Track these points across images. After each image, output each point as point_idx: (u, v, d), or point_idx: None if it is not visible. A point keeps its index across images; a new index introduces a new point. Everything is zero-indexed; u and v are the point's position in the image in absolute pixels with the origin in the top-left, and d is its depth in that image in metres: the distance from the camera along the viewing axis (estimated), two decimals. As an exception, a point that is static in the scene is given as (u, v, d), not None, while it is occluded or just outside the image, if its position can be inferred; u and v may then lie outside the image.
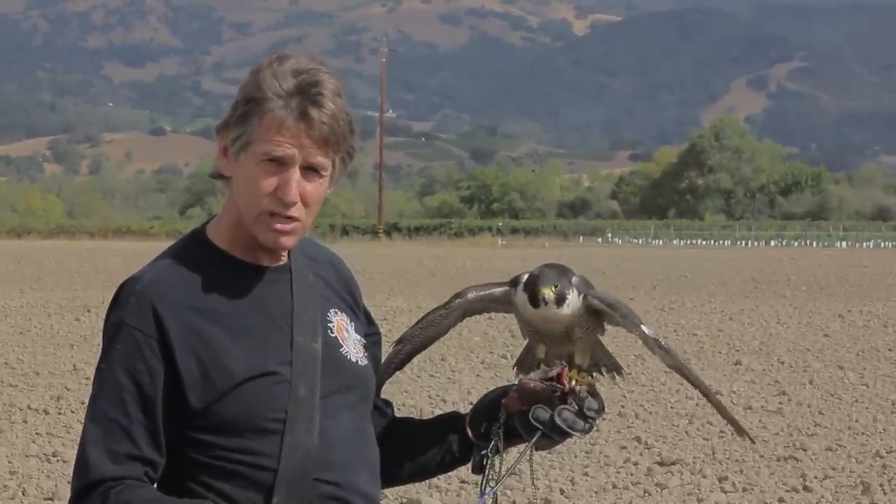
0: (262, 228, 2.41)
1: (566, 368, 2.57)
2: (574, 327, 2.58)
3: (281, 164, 2.38)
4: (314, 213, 2.45)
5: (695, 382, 2.64)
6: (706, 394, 2.65)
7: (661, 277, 34.04)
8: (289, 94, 2.37)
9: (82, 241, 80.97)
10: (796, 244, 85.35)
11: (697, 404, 11.35)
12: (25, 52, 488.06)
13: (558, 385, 2.55)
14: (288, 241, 2.43)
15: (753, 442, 2.73)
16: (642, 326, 2.58)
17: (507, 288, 2.64)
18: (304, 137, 2.37)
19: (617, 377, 2.72)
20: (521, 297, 2.58)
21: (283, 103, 2.36)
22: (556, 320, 2.57)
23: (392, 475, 2.68)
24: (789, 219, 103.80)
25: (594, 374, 2.68)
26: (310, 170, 2.40)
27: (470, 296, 2.68)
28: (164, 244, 2.55)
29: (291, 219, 2.40)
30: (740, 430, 2.71)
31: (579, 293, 2.56)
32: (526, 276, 2.58)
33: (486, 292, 2.67)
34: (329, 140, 2.39)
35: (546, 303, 2.52)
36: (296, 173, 2.38)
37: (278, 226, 2.40)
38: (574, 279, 2.57)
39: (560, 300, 2.53)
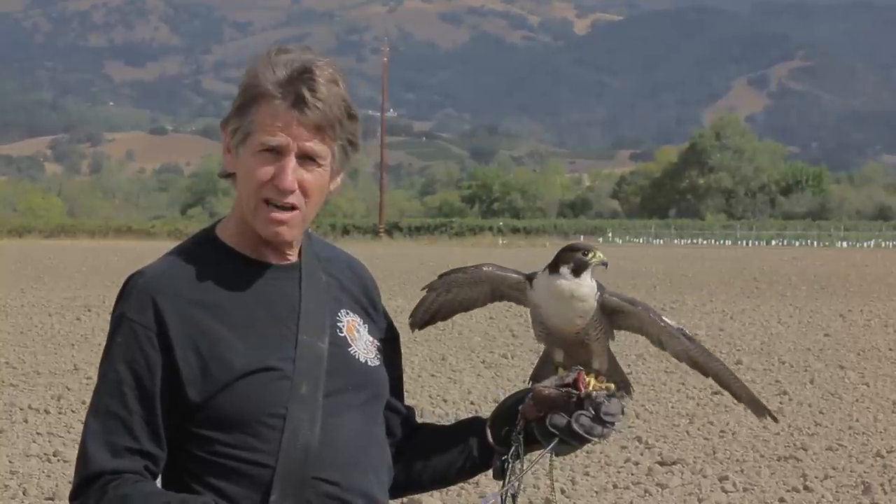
0: (260, 220, 2.40)
1: (582, 373, 2.55)
2: (588, 329, 2.57)
3: (277, 153, 2.37)
4: (315, 205, 2.42)
5: (715, 372, 2.61)
6: (726, 383, 2.62)
7: (661, 277, 34.03)
8: (282, 82, 2.36)
9: (83, 240, 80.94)
10: (797, 244, 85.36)
11: (698, 404, 11.35)
12: (26, 51, 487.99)
13: (574, 391, 2.53)
14: (286, 232, 2.42)
15: (776, 421, 2.69)
16: (665, 318, 2.59)
17: (521, 278, 2.63)
18: (298, 124, 2.36)
19: (625, 395, 2.67)
20: (537, 282, 2.57)
21: (276, 92, 2.36)
22: (569, 303, 2.54)
23: (413, 481, 2.66)
24: (790, 218, 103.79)
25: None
26: (307, 158, 2.39)
27: (485, 269, 2.68)
28: (165, 243, 2.56)
29: (289, 208, 2.39)
30: (761, 410, 2.65)
31: (597, 289, 2.57)
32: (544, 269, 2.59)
33: (502, 273, 2.66)
34: (322, 126, 2.37)
35: (564, 264, 2.52)
36: (291, 161, 2.37)
37: (275, 215, 2.39)
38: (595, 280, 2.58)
39: (578, 270, 2.53)
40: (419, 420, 2.75)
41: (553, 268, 2.55)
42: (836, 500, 7.91)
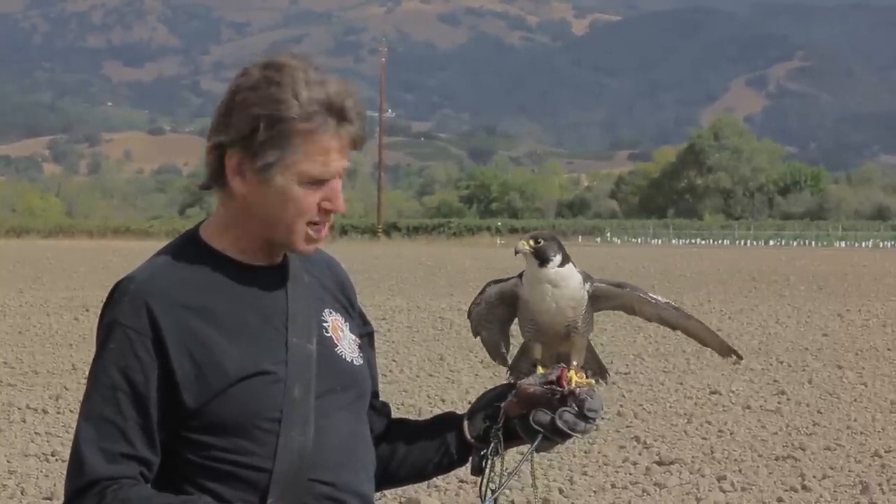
0: (299, 239, 2.41)
1: (565, 370, 2.56)
2: (578, 321, 2.59)
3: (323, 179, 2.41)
4: None
5: (686, 328, 2.77)
6: (696, 335, 2.80)
7: (659, 277, 34.06)
8: (322, 112, 2.36)
9: (81, 240, 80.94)
10: (795, 244, 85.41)
11: (696, 404, 11.35)
12: (25, 52, 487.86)
13: (558, 388, 2.54)
14: (319, 246, 2.48)
15: (741, 358, 2.84)
16: (652, 295, 2.68)
17: (516, 279, 2.67)
18: (340, 147, 2.39)
19: (601, 381, 2.72)
20: (525, 275, 2.62)
21: (320, 123, 2.36)
22: (560, 293, 2.57)
23: (390, 477, 2.67)
24: (788, 218, 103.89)
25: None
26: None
27: (487, 289, 2.73)
28: (163, 244, 2.54)
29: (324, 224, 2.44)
30: (728, 351, 2.82)
31: (584, 280, 2.61)
32: None
33: (501, 285, 2.71)
34: (357, 142, 2.43)
35: (517, 252, 2.58)
36: (339, 183, 2.42)
37: (317, 234, 2.42)
38: (580, 271, 2.62)
39: (542, 257, 2.57)
40: (400, 416, 2.77)
41: (542, 262, 2.57)
42: (834, 499, 7.91)
